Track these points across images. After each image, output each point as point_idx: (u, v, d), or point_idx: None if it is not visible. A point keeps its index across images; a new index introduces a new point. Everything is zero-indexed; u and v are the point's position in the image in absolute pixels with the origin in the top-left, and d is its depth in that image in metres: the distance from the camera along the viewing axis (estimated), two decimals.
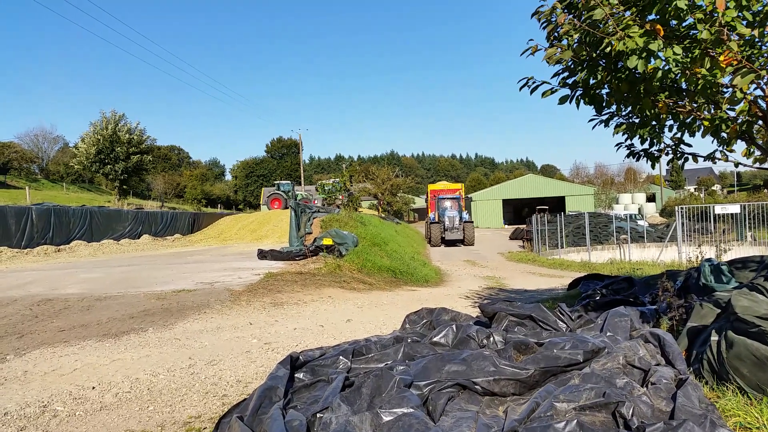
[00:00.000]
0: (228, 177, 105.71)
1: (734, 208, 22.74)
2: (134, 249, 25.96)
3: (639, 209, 54.33)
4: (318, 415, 3.38)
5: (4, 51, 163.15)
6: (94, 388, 5.41)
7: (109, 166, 45.38)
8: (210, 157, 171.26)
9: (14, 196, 35.82)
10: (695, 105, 5.14)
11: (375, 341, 4.98)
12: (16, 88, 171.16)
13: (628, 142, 6.02)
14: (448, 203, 37.77)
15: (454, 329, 4.89)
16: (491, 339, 4.66)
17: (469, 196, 36.08)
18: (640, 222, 33.99)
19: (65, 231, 24.52)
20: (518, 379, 3.71)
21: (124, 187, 49.90)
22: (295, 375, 4.21)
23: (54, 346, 7.12)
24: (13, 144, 60.44)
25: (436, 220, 37.31)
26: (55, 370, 6.05)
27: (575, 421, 3.03)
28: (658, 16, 4.65)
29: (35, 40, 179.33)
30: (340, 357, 4.46)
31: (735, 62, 4.20)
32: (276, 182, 53.07)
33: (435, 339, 4.85)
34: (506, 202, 63.28)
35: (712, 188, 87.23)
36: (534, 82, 5.49)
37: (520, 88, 5.52)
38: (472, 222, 38.23)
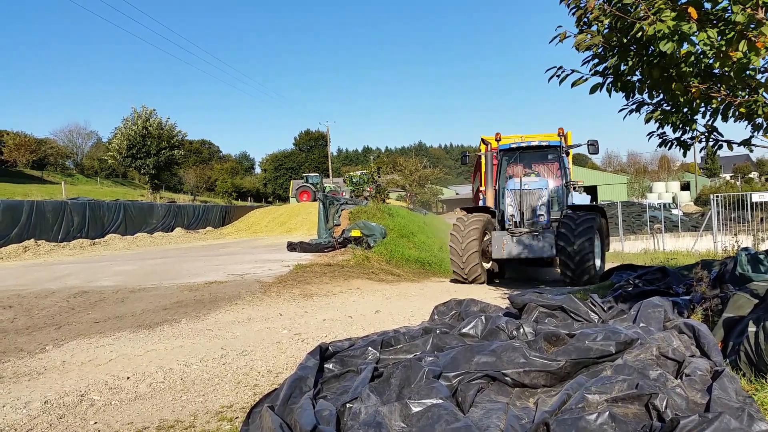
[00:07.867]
0: (257, 170, 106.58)
1: None
2: (167, 242, 26.44)
3: (673, 198, 53.27)
4: (347, 405, 3.39)
5: (39, 49, 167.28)
6: (128, 378, 5.52)
7: (140, 161, 46.24)
8: (240, 150, 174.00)
9: (51, 191, 36.73)
10: (728, 91, 4.99)
11: (403, 332, 4.98)
12: (50, 86, 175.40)
13: (660, 130, 5.88)
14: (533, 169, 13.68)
15: (483, 320, 4.86)
16: (521, 330, 4.61)
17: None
18: (674, 211, 33.41)
19: (100, 225, 25.10)
20: (549, 370, 3.67)
21: (156, 181, 50.79)
22: (325, 365, 4.23)
23: (90, 337, 7.30)
24: (49, 140, 61.86)
25: (490, 203, 13.47)
26: (91, 360, 6.20)
27: (607, 413, 2.99)
28: None
29: (69, 38, 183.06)
30: (369, 348, 4.46)
31: None
32: (304, 175, 53.44)
33: (464, 330, 4.82)
34: None
35: (749, 176, 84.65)
36: (563, 71, 5.39)
37: (549, 79, 5.41)
38: (601, 211, 12.75)
